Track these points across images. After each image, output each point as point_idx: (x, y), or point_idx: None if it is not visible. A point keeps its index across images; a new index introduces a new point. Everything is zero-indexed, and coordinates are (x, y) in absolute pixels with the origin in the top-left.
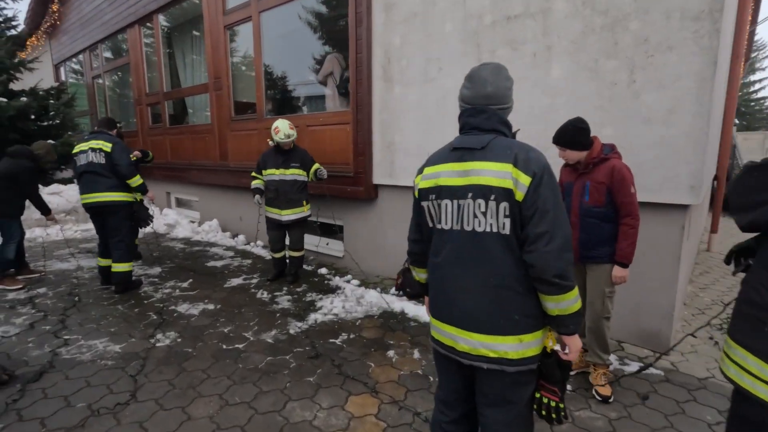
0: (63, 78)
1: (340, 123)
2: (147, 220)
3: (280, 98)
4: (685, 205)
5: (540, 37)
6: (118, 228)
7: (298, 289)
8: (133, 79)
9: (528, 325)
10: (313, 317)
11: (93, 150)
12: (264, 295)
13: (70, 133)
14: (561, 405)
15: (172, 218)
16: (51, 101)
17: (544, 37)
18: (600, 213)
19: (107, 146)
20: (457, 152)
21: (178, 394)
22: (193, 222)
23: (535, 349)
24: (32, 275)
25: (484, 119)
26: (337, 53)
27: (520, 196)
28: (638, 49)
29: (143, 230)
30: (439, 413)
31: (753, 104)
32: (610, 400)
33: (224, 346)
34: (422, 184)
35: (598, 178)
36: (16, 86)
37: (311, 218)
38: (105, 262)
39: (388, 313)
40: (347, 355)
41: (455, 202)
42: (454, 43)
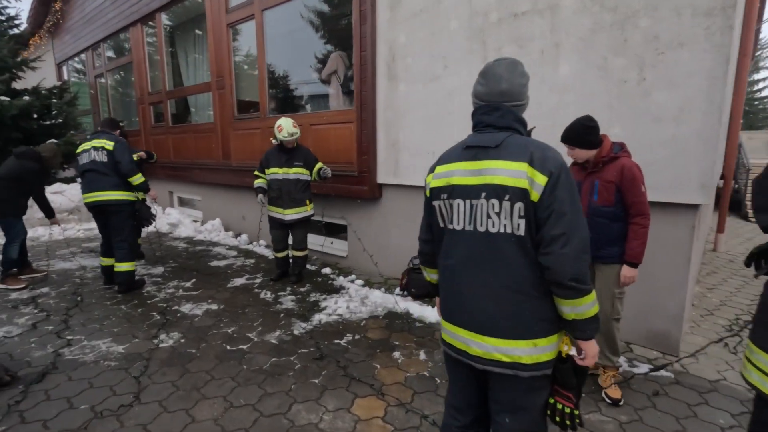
0: (65, 77)
1: (343, 122)
2: (149, 219)
3: (283, 97)
4: (695, 204)
5: (548, 34)
6: (121, 227)
7: (302, 289)
8: (135, 78)
9: (543, 329)
10: (318, 318)
11: (95, 149)
12: (267, 295)
13: (72, 132)
14: (576, 411)
15: (174, 217)
16: (53, 100)
17: (552, 35)
18: (609, 212)
19: (109, 144)
20: (471, 151)
21: (182, 396)
22: (195, 221)
23: (550, 354)
24: (35, 275)
25: (499, 117)
26: (341, 51)
27: (535, 196)
28: (648, 47)
29: (146, 229)
30: (450, 418)
31: (756, 103)
32: (620, 403)
33: (228, 347)
34: (434, 183)
35: (607, 177)
36: (18, 85)
37: (315, 217)
38: (108, 261)
39: (393, 313)
40: (352, 356)
41: (468, 202)
42: (459, 41)
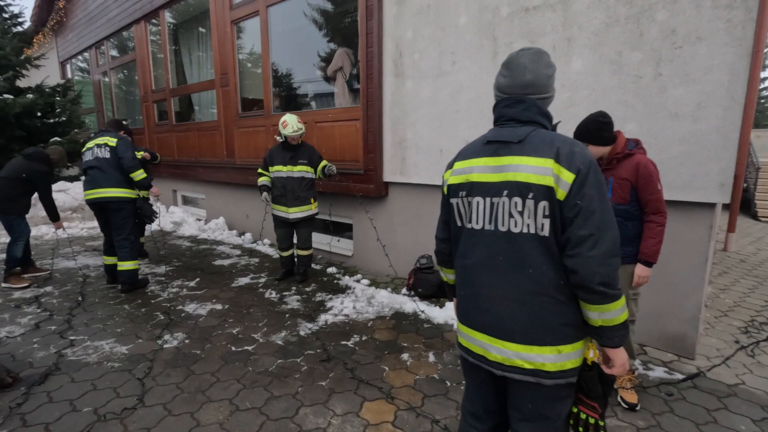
0: (69, 75)
1: (349, 119)
2: (151, 216)
3: (287, 94)
4: (712, 203)
5: (560, 28)
6: (122, 225)
7: (307, 289)
8: (139, 76)
9: (568, 335)
10: (324, 318)
11: (99, 146)
12: (272, 294)
13: (76, 130)
14: (601, 423)
15: (178, 216)
16: (57, 98)
17: (564, 29)
18: (624, 211)
19: (112, 141)
20: (492, 146)
21: (187, 398)
22: (199, 220)
23: (574, 361)
24: (38, 273)
25: (522, 110)
26: (347, 48)
27: (561, 194)
28: (665, 41)
29: (149, 228)
30: (467, 425)
31: (762, 101)
32: (637, 408)
33: (233, 348)
34: (452, 179)
35: (622, 174)
36: (22, 83)
37: (323, 216)
38: (111, 260)
39: (400, 314)
40: (360, 358)
41: (488, 200)
42: (468, 36)
